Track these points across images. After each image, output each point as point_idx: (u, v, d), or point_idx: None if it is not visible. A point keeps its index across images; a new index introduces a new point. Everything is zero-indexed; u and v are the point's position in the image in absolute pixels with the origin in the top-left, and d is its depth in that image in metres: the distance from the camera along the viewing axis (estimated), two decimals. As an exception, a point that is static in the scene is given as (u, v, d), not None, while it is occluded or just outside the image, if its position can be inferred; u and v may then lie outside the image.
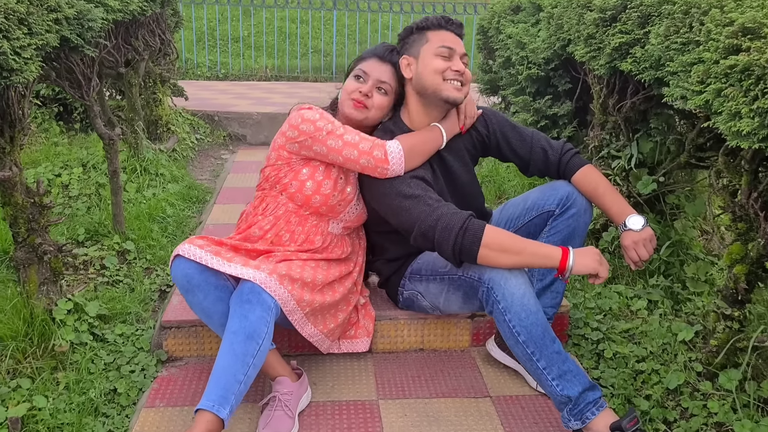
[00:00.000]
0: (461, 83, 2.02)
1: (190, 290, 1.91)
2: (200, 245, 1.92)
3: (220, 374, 1.72)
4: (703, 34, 1.93)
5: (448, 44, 2.01)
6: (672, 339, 2.38)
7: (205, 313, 1.94)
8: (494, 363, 2.29)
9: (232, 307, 1.84)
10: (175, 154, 4.36)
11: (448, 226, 1.88)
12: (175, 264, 1.91)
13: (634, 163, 2.86)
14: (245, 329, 1.78)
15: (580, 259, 1.84)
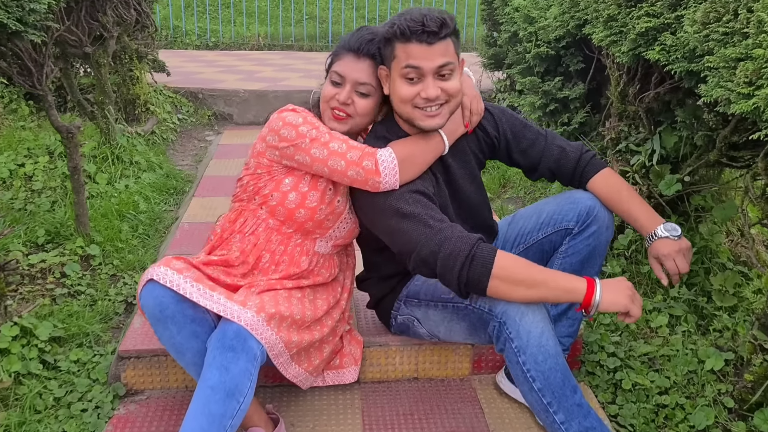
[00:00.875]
0: (437, 111, 1.67)
1: (162, 321, 1.61)
2: (178, 269, 1.62)
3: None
4: (753, 25, 1.60)
5: (414, 62, 1.60)
6: (699, 367, 2.11)
7: (176, 348, 1.65)
8: (497, 395, 2.03)
9: (211, 352, 1.55)
10: (154, 137, 4.04)
11: (452, 253, 1.57)
12: (147, 289, 1.60)
13: (656, 160, 2.55)
14: (225, 385, 1.50)
15: (609, 295, 1.54)
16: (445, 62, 1.61)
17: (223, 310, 1.55)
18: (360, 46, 1.72)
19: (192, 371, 1.65)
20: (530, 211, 1.97)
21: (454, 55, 1.63)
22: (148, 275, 1.59)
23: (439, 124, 1.69)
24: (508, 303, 1.60)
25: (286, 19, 8.34)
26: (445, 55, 1.60)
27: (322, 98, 1.76)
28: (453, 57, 1.62)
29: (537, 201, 3.59)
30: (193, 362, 1.61)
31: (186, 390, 2.01)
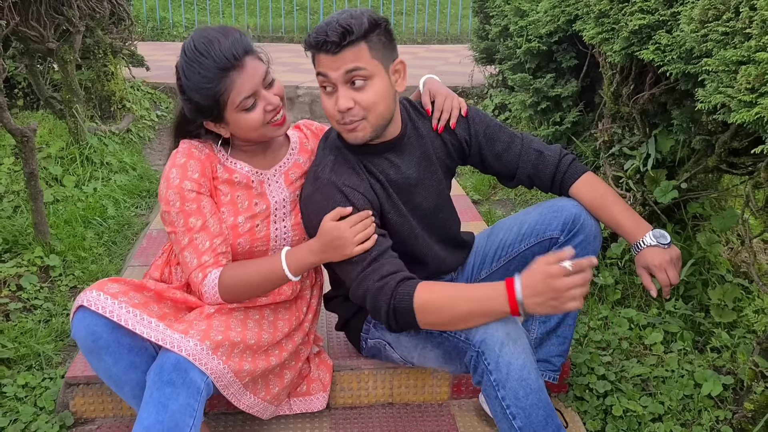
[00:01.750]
0: (355, 124, 1.52)
1: (96, 353, 1.46)
2: (113, 293, 1.47)
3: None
4: (756, 25, 1.44)
5: (322, 70, 1.49)
6: (695, 392, 1.96)
7: (114, 381, 1.51)
8: (477, 423, 1.88)
9: (149, 388, 1.40)
10: (130, 135, 3.87)
11: (376, 305, 1.49)
12: (78, 318, 1.45)
13: (650, 165, 2.39)
14: (163, 425, 1.35)
15: (531, 295, 1.36)
16: (353, 68, 1.46)
17: (161, 339, 1.39)
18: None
19: (134, 404, 1.50)
20: (511, 222, 1.82)
21: (368, 60, 1.47)
22: (78, 301, 1.44)
23: (361, 139, 1.54)
24: (486, 331, 1.45)
25: (276, 10, 8.14)
26: (354, 61, 1.46)
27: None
28: (366, 62, 1.47)
29: (528, 203, 3.45)
30: (133, 395, 1.47)
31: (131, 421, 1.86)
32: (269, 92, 1.51)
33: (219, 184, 1.62)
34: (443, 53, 7.07)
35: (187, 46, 1.46)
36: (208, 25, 6.81)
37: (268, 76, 1.52)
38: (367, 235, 1.53)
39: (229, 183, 1.63)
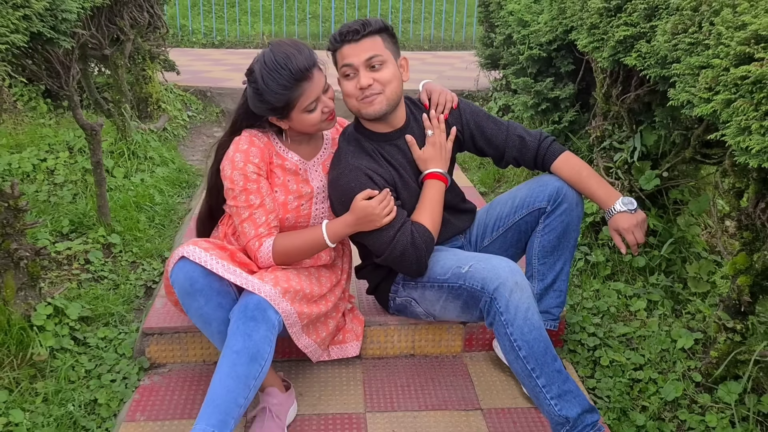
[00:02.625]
0: (373, 97, 1.90)
1: (192, 294, 1.81)
2: (205, 248, 1.82)
3: (221, 397, 1.65)
4: (713, 37, 1.80)
5: (347, 61, 1.89)
6: (671, 346, 2.31)
7: (203, 319, 1.85)
8: (486, 370, 2.23)
9: (235, 323, 1.75)
10: (166, 134, 4.24)
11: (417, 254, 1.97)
12: (179, 266, 1.80)
13: (636, 157, 2.75)
14: (249, 350, 1.70)
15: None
16: (373, 54, 1.87)
17: (245, 283, 1.75)
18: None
19: (216, 340, 1.85)
20: (505, 198, 2.18)
21: (383, 50, 1.89)
22: (179, 253, 1.79)
23: (378, 111, 1.92)
24: (499, 281, 1.80)
25: (289, 18, 8.53)
26: (372, 49, 1.87)
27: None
28: (381, 51, 1.89)
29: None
30: (219, 331, 1.81)
31: (204, 364, 2.22)
32: (326, 96, 1.88)
33: (274, 168, 1.98)
34: (449, 59, 7.44)
35: (267, 58, 1.81)
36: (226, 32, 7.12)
37: (325, 85, 1.88)
38: (391, 209, 1.90)
39: (282, 168, 1.99)
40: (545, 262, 2.12)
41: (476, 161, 4.25)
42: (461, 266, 1.91)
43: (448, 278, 1.95)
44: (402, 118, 2.03)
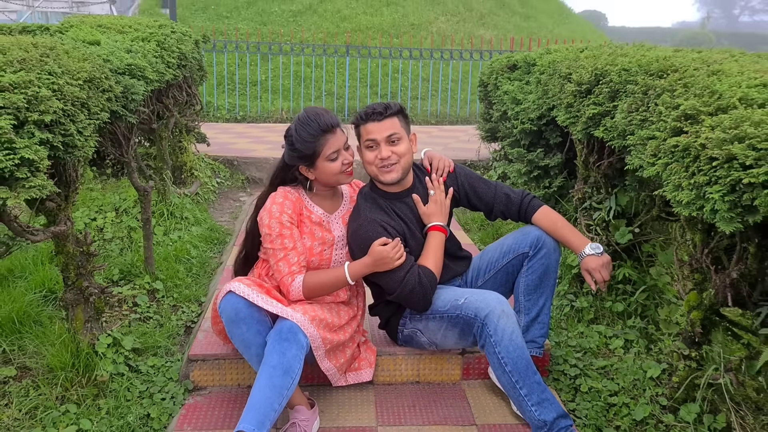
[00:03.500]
0: (391, 167, 2.36)
1: (236, 322, 2.20)
2: (248, 284, 2.24)
3: (260, 403, 2.02)
4: (656, 114, 2.26)
5: (371, 137, 2.35)
6: (642, 375, 2.67)
7: (245, 343, 2.23)
8: (481, 394, 2.59)
9: (271, 343, 2.14)
10: (198, 197, 4.72)
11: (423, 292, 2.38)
12: (226, 299, 2.21)
13: (612, 215, 3.18)
14: (283, 365, 2.09)
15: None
16: (392, 132, 2.34)
17: (280, 312, 2.16)
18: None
19: (254, 362, 2.23)
20: (495, 246, 2.60)
21: (400, 128, 2.36)
22: (227, 288, 2.21)
23: (395, 178, 2.37)
24: (489, 309, 2.20)
25: (306, 95, 9.20)
26: (392, 128, 2.34)
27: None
28: (399, 129, 2.36)
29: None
30: (257, 353, 2.20)
31: (238, 387, 2.59)
32: (346, 152, 2.34)
33: (304, 218, 2.42)
34: (454, 132, 8.01)
35: (302, 115, 2.30)
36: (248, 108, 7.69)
37: (346, 143, 2.35)
38: (402, 254, 2.33)
39: (309, 219, 2.43)
40: (530, 298, 2.53)
41: (477, 223, 4.69)
42: (458, 299, 2.32)
43: (448, 309, 2.35)
44: (409, 181, 2.49)
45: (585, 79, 2.86)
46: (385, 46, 9.36)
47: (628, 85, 2.59)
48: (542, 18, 13.79)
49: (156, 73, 3.04)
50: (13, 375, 2.47)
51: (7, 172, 1.72)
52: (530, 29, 12.58)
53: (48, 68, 2.04)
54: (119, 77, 2.61)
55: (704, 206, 1.93)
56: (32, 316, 2.77)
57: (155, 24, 3.55)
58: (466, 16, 12.65)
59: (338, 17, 11.91)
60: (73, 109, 2.04)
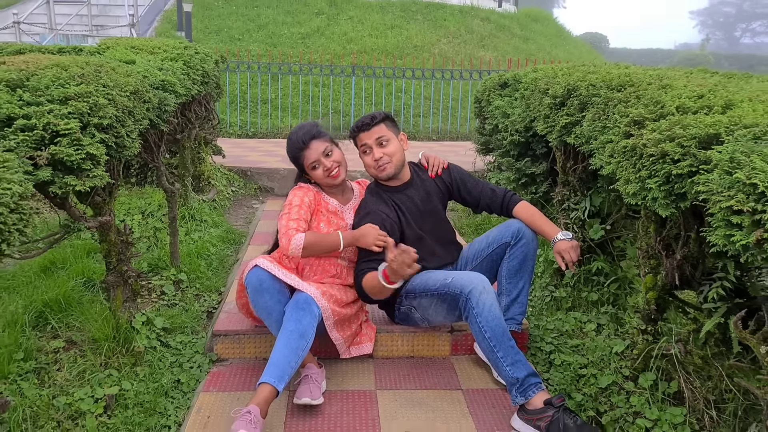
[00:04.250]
0: (385, 165, 2.80)
1: (260, 291, 2.59)
2: (270, 260, 2.65)
3: (280, 360, 2.41)
4: (612, 122, 2.66)
5: (363, 142, 2.82)
6: (609, 351, 3.04)
7: (267, 310, 2.61)
8: (467, 367, 2.97)
9: (289, 312, 2.53)
10: (215, 204, 5.14)
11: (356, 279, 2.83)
12: (252, 272, 2.61)
13: (587, 215, 3.57)
14: (299, 330, 2.48)
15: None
16: (380, 136, 2.80)
17: (298, 285, 2.56)
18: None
19: (274, 328, 2.61)
20: (482, 238, 3.00)
21: (387, 132, 2.81)
22: (253, 263, 2.61)
23: (389, 173, 2.81)
24: (472, 286, 2.58)
25: (314, 113, 9.66)
26: (379, 132, 2.79)
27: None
28: (386, 133, 2.81)
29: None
30: (276, 320, 2.58)
31: (256, 359, 2.98)
32: (327, 159, 2.76)
33: (322, 207, 2.83)
34: (454, 148, 8.44)
35: (291, 132, 2.75)
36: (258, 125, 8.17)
37: (327, 150, 2.76)
38: (381, 244, 2.71)
39: (326, 209, 2.84)
40: (511, 281, 2.91)
41: (472, 228, 5.08)
42: (446, 279, 2.71)
43: (438, 287, 2.74)
44: (407, 175, 2.90)
45: (559, 93, 3.27)
46: (389, 67, 9.83)
47: (593, 97, 3.00)
48: (540, 40, 14.30)
49: (184, 89, 3.47)
50: (62, 346, 2.87)
51: (75, 164, 2.14)
52: (529, 51, 13.07)
53: (102, 81, 2.46)
54: (155, 91, 3.04)
55: (647, 196, 2.33)
56: (75, 299, 3.16)
57: (181, 45, 4.00)
58: (467, 38, 13.16)
59: (345, 39, 12.43)
60: (123, 116, 2.46)
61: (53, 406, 2.47)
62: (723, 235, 1.86)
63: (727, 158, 1.91)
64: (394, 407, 2.62)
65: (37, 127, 2.08)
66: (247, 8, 13.02)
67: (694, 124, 2.19)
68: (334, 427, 2.46)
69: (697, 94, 2.50)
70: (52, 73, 2.34)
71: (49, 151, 2.06)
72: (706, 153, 2.04)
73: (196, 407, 2.58)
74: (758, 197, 1.74)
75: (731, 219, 1.82)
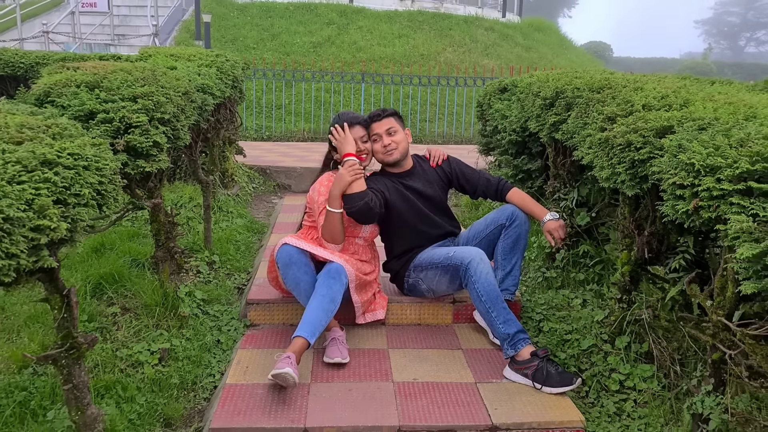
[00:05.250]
0: (392, 150, 3.27)
1: (290, 265, 3.05)
2: (297, 237, 3.13)
3: (312, 319, 2.86)
4: (591, 119, 3.12)
5: (374, 131, 3.28)
6: (591, 320, 3.48)
7: (295, 281, 3.06)
8: (467, 332, 3.42)
9: (321, 279, 2.98)
10: (238, 198, 5.62)
11: None
12: (283, 248, 3.08)
13: (574, 204, 4.02)
14: (330, 295, 2.93)
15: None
16: (389, 126, 3.27)
17: (329, 257, 3.02)
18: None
19: (302, 297, 3.07)
20: (481, 221, 3.45)
21: (395, 124, 3.29)
22: (282, 241, 3.07)
23: (395, 158, 3.29)
24: (471, 257, 3.04)
25: (326, 118, 10.15)
26: (389, 124, 3.26)
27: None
28: (394, 124, 3.28)
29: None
30: (304, 289, 3.04)
31: (284, 325, 3.43)
32: (362, 143, 3.23)
33: None
34: (458, 150, 8.86)
35: (335, 116, 3.22)
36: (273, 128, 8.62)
37: (363, 137, 3.23)
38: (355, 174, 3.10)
39: None
40: (506, 257, 3.36)
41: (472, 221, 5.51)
42: (449, 253, 3.16)
43: (442, 260, 3.19)
44: (409, 164, 3.37)
45: (549, 95, 3.73)
46: (396, 74, 10.32)
47: (577, 98, 3.46)
48: (542, 49, 14.79)
49: (219, 91, 3.95)
50: (118, 312, 3.33)
51: (144, 150, 2.61)
52: (531, 59, 13.55)
53: (161, 83, 2.94)
54: (197, 93, 3.52)
55: (617, 179, 2.78)
56: (125, 274, 3.63)
57: (213, 54, 4.48)
58: (471, 47, 13.66)
59: (354, 48, 12.95)
60: (178, 112, 2.94)
61: (117, 357, 2.94)
62: (671, 206, 2.32)
63: (675, 144, 2.37)
64: (404, 361, 3.07)
65: (115, 120, 2.55)
66: (261, 18, 13.57)
67: (653, 119, 2.64)
68: (354, 375, 2.92)
69: (662, 95, 2.96)
70: (121, 77, 2.82)
71: (125, 139, 2.54)
72: (661, 141, 2.50)
73: (236, 360, 3.04)
74: (696, 174, 2.19)
75: (677, 192, 2.28)
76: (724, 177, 2.08)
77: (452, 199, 6.33)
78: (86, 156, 2.01)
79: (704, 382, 2.48)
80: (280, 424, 2.51)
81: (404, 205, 3.32)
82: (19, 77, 5.43)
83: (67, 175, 1.88)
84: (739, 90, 3.41)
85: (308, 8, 14.24)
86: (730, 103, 2.70)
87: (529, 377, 2.85)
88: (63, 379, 2.25)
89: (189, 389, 2.91)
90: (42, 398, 2.56)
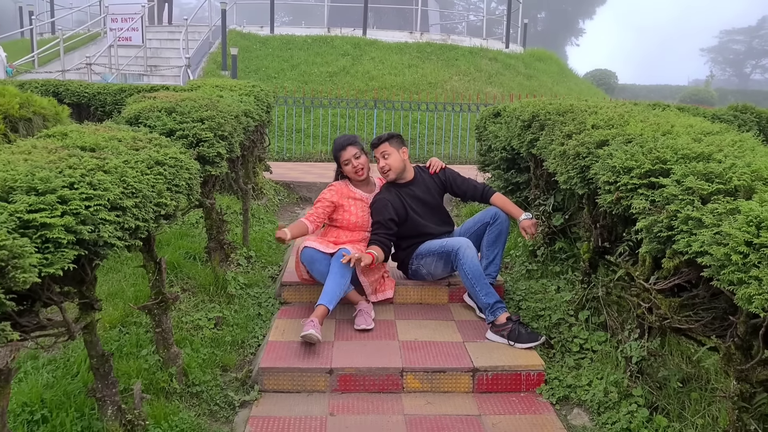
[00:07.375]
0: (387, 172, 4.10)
1: (313, 262, 3.90)
2: (315, 240, 3.95)
3: (330, 289, 3.69)
4: (555, 136, 3.96)
5: (374, 154, 4.13)
6: (560, 300, 4.27)
7: (320, 273, 3.90)
8: (460, 309, 4.21)
9: (333, 266, 3.80)
10: (267, 208, 6.47)
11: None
12: (305, 251, 3.92)
13: (551, 208, 4.83)
14: (340, 272, 3.74)
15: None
16: (383, 151, 4.11)
17: (334, 251, 3.85)
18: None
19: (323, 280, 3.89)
20: (470, 219, 4.28)
21: (389, 148, 4.12)
22: (303, 245, 3.92)
23: (390, 178, 4.15)
24: (460, 245, 3.85)
25: (340, 141, 11.06)
26: (383, 149, 4.10)
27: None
28: (388, 149, 4.12)
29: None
30: (325, 276, 3.86)
31: (310, 303, 4.24)
32: (356, 161, 4.07)
33: (349, 198, 4.13)
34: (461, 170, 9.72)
35: (336, 138, 4.10)
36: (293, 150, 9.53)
37: (356, 154, 4.09)
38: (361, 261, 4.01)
39: (353, 198, 4.14)
40: (489, 249, 4.17)
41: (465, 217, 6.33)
42: (443, 243, 3.98)
43: (437, 249, 4.01)
44: (411, 175, 4.21)
45: (527, 118, 4.57)
46: (406, 101, 11.22)
47: (547, 120, 4.29)
48: (543, 78, 15.71)
49: (258, 115, 4.83)
50: (179, 291, 4.16)
51: (210, 159, 3.47)
52: (531, 87, 14.45)
53: (219, 108, 3.81)
54: (243, 117, 4.39)
55: (571, 182, 3.59)
56: (182, 263, 4.47)
57: (250, 84, 5.37)
58: (476, 76, 14.60)
59: (367, 77, 13.92)
60: (232, 130, 3.80)
61: (182, 322, 3.76)
62: (603, 198, 3.13)
63: (607, 153, 3.19)
64: (408, 328, 3.87)
65: (189, 136, 3.42)
66: (281, 50, 14.61)
67: (596, 135, 3.47)
68: (368, 336, 3.72)
69: (609, 117, 3.78)
70: (190, 104, 3.70)
71: (197, 150, 3.40)
72: (598, 151, 3.32)
73: (274, 326, 3.86)
74: (617, 173, 3.01)
75: (606, 188, 3.09)
76: (635, 175, 2.90)
77: (453, 210, 7.14)
78: (180, 159, 2.86)
79: (632, 332, 3.26)
80: (311, 365, 3.32)
81: (408, 211, 4.15)
82: (82, 105, 6.35)
83: (171, 172, 2.74)
84: (677, 114, 4.23)
85: (325, 41, 15.29)
86: (657, 123, 3.52)
87: (505, 336, 3.64)
88: (155, 323, 3.09)
89: (239, 346, 3.73)
90: (131, 346, 3.38)
